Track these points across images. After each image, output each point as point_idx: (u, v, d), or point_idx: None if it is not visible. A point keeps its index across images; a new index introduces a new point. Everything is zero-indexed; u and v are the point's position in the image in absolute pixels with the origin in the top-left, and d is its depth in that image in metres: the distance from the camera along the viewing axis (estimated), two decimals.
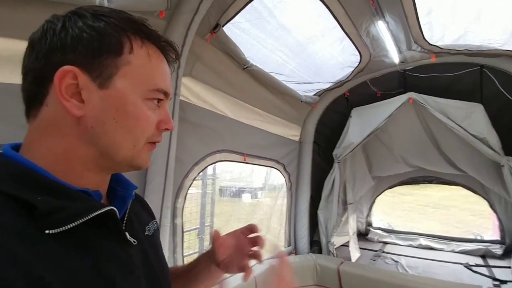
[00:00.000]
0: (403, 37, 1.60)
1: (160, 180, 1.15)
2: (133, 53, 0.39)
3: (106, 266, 0.36)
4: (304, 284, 1.98)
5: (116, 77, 0.38)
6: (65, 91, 0.36)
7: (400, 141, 2.39)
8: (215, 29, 1.31)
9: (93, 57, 0.37)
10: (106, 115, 0.38)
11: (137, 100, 0.39)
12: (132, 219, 0.46)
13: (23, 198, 0.32)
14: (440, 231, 3.40)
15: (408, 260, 2.19)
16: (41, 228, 0.32)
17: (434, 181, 2.64)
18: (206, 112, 1.54)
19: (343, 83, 2.19)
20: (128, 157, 0.40)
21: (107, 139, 0.38)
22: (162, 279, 0.48)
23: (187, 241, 2.24)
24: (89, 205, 0.36)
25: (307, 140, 2.47)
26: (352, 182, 2.52)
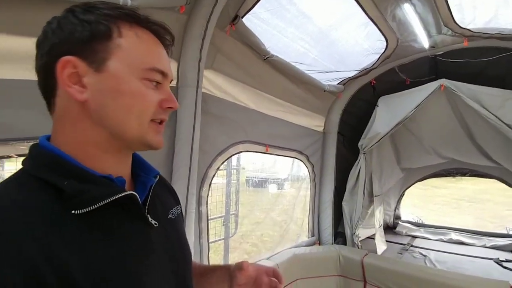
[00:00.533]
0: (432, 20, 1.48)
1: (185, 169, 1.22)
2: (122, 36, 0.42)
3: (127, 246, 0.40)
4: (327, 274, 1.99)
5: (109, 60, 0.41)
6: (68, 79, 0.40)
7: (430, 131, 2.25)
8: (234, 20, 1.33)
9: (86, 44, 0.40)
10: (105, 97, 0.41)
11: (132, 80, 0.42)
12: (155, 203, 0.49)
13: (52, 182, 0.37)
14: (474, 226, 3.18)
15: (437, 255, 2.10)
16: (68, 209, 0.36)
17: (468, 174, 2.46)
18: (228, 104, 1.57)
19: (369, 70, 2.09)
20: (137, 136, 0.43)
21: (111, 119, 0.42)
22: (182, 261, 0.51)
23: (213, 228, 2.34)
24: (110, 189, 0.40)
25: (331, 130, 2.42)
26: (379, 174, 2.44)
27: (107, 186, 0.41)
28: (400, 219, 3.00)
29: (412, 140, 2.39)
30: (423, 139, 2.33)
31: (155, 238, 0.45)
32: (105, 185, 0.41)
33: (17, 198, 0.35)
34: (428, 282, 1.59)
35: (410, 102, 1.95)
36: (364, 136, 2.26)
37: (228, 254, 2.69)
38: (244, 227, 3.76)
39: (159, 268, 0.44)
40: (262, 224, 3.47)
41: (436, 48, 1.78)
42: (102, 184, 0.40)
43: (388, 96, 2.18)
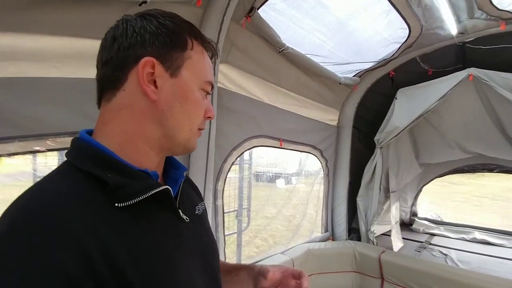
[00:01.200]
0: (463, 4, 1.38)
1: (202, 163, 1.22)
2: (193, 49, 0.47)
3: (163, 238, 0.42)
4: (342, 270, 1.96)
5: (183, 68, 0.46)
6: (146, 78, 0.43)
7: (454, 124, 2.14)
8: (250, 12, 1.29)
9: (166, 50, 0.44)
10: (174, 100, 0.45)
11: (195, 89, 0.47)
12: (184, 199, 0.51)
13: (96, 174, 0.39)
14: (501, 225, 3.03)
15: (460, 254, 2.02)
16: (111, 201, 0.38)
17: (496, 170, 2.33)
18: (243, 98, 1.55)
19: (387, 61, 2.00)
20: (185, 139, 0.47)
21: (173, 120, 0.45)
22: (211, 252, 0.53)
23: (226, 222, 2.36)
24: (149, 183, 0.42)
25: (345, 124, 2.36)
26: (396, 169, 2.36)
27: (145, 180, 0.42)
28: (416, 216, 2.91)
29: (433, 133, 2.29)
30: (445, 133, 2.22)
31: (185, 231, 0.47)
32: (143, 179, 0.42)
33: (67, 188, 0.37)
34: (451, 281, 1.52)
35: (433, 94, 1.86)
36: (381, 130, 2.18)
37: (241, 248, 2.72)
38: (256, 221, 3.78)
39: (191, 259, 0.46)
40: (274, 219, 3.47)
41: (465, 35, 1.66)
42: (141, 178, 0.42)
43: (408, 88, 2.08)
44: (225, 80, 1.44)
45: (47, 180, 0.39)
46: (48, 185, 0.38)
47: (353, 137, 2.35)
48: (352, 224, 2.38)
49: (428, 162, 2.50)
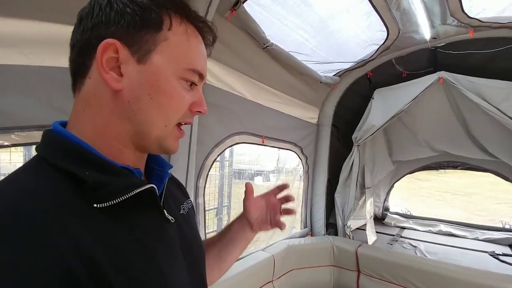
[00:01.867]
0: (438, 10, 1.47)
1: (184, 160, 1.18)
2: (172, 30, 0.39)
3: (148, 240, 0.38)
4: (320, 264, 2.01)
5: (154, 52, 0.38)
6: (106, 64, 0.37)
7: (425, 124, 2.28)
8: (235, 6, 1.26)
9: (134, 31, 0.37)
10: (141, 91, 0.38)
11: (171, 78, 0.40)
12: (168, 198, 0.47)
13: (72, 171, 0.34)
14: (461, 218, 3.31)
15: (427, 246, 2.16)
16: (89, 202, 0.33)
17: (460, 167, 2.52)
18: (225, 94, 1.52)
19: (366, 62, 2.07)
20: (160, 137, 0.41)
21: (141, 115, 0.39)
22: (197, 255, 0.50)
23: (206, 220, 2.32)
24: (132, 182, 0.38)
25: (325, 123, 2.41)
26: (371, 166, 2.47)
27: (128, 178, 0.38)
28: (388, 210, 3.07)
29: (405, 132, 2.42)
30: (417, 132, 2.36)
31: (171, 233, 0.43)
32: (126, 176, 0.38)
33: (38, 187, 0.32)
34: (423, 272, 1.62)
35: (407, 95, 1.96)
36: (358, 128, 2.26)
37: None
38: None
39: (177, 263, 0.43)
40: None
41: (437, 40, 1.76)
42: (122, 176, 0.38)
43: (384, 89, 2.18)
44: (208, 74, 1.38)
45: (13, 179, 0.34)
46: (15, 184, 0.33)
47: (332, 135, 2.42)
48: (330, 219, 2.45)
49: (400, 159, 2.64)
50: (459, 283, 1.51)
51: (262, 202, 0.68)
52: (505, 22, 1.48)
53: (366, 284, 1.85)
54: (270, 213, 0.68)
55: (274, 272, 1.77)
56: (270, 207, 0.68)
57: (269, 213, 0.68)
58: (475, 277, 1.49)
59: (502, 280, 1.43)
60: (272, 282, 1.76)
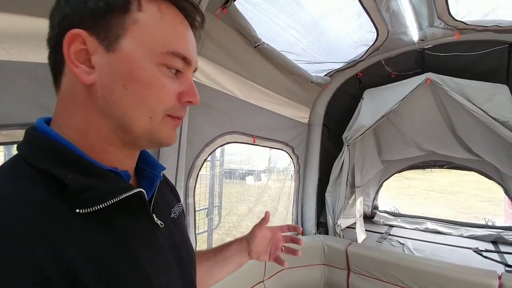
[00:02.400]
0: (425, 12, 1.50)
1: (173, 160, 1.15)
2: (142, 10, 0.35)
3: (134, 247, 0.36)
4: (311, 263, 2.02)
5: (123, 38, 0.35)
6: (74, 57, 0.34)
7: (413, 124, 2.32)
8: (226, 3, 1.24)
9: (99, 17, 0.34)
10: (115, 82, 0.35)
11: (147, 65, 0.36)
12: (159, 201, 0.45)
13: (54, 174, 0.32)
14: (447, 215, 3.41)
15: (415, 243, 2.21)
16: (72, 207, 0.31)
17: (446, 166, 2.59)
18: (216, 93, 1.50)
19: (356, 63, 2.10)
20: (146, 131, 0.37)
21: (119, 109, 0.35)
22: (188, 261, 0.48)
23: (196, 221, 2.29)
24: (119, 186, 0.35)
25: (316, 122, 2.43)
26: (361, 166, 2.50)
27: (115, 182, 0.36)
28: (377, 209, 3.12)
29: (394, 132, 2.47)
30: (405, 132, 2.41)
31: (161, 238, 0.41)
32: (112, 180, 0.36)
33: (15, 189, 0.30)
34: (411, 269, 1.65)
35: (396, 95, 1.99)
36: (348, 128, 2.29)
37: (211, 247, 2.67)
38: (227, 219, 3.74)
39: (168, 270, 0.41)
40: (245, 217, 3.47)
41: (424, 42, 1.80)
42: (109, 179, 0.35)
43: (374, 89, 2.21)
44: (199, 73, 1.38)
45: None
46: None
47: (323, 135, 2.44)
48: (321, 218, 2.47)
49: (389, 159, 2.69)
50: (445, 279, 1.54)
51: (269, 233, 0.71)
52: (489, 26, 1.53)
53: (356, 282, 1.88)
54: (271, 247, 0.71)
55: (265, 271, 1.77)
56: (273, 240, 0.71)
57: (271, 246, 0.71)
58: (460, 273, 1.53)
59: (484, 276, 1.47)
60: (263, 282, 1.75)
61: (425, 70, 1.95)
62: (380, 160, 2.68)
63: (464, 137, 2.13)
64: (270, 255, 0.71)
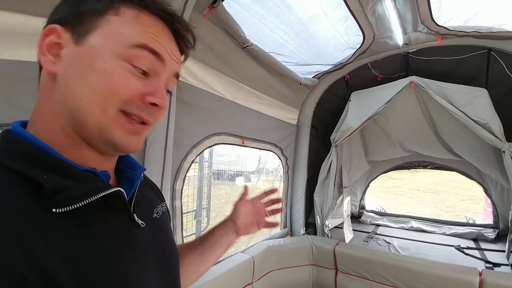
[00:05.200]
0: (410, 17, 1.54)
1: (159, 162, 1.13)
2: (119, 15, 0.36)
3: (112, 247, 0.36)
4: (300, 264, 2.03)
5: (92, 34, 0.36)
6: (46, 48, 0.36)
7: (397, 125, 2.39)
8: (214, 3, 1.23)
9: (76, 16, 0.36)
10: (73, 72, 0.35)
11: (110, 58, 0.35)
12: (140, 201, 0.45)
13: (29, 175, 0.32)
14: (430, 214, 3.51)
15: (400, 242, 2.26)
16: (48, 207, 0.31)
17: (429, 166, 2.67)
18: (204, 93, 1.48)
19: (343, 65, 2.13)
20: (99, 126, 0.35)
21: (72, 98, 0.35)
22: (171, 261, 0.48)
23: (184, 223, 2.26)
24: (96, 186, 0.35)
25: (304, 123, 2.45)
26: (348, 166, 2.54)
27: (92, 181, 0.35)
28: (364, 209, 3.18)
29: (380, 134, 2.52)
30: (390, 134, 2.47)
31: (141, 238, 0.41)
32: (89, 180, 0.36)
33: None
34: (396, 267, 1.69)
35: (381, 98, 2.03)
36: (336, 129, 2.32)
37: None
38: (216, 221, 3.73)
39: (147, 271, 0.40)
40: None
41: (409, 46, 1.86)
42: (86, 179, 0.35)
43: (360, 91, 2.25)
44: (186, 73, 1.36)
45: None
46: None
47: (311, 136, 2.46)
48: (309, 219, 2.49)
49: (375, 159, 2.74)
50: (428, 277, 1.59)
51: (250, 206, 0.73)
52: (469, 31, 1.59)
53: (343, 282, 1.90)
54: (256, 217, 0.73)
55: (254, 273, 1.76)
56: (255, 211, 0.73)
57: (255, 216, 0.73)
58: (442, 271, 1.57)
59: (466, 273, 1.52)
60: (252, 284, 1.75)
61: (409, 73, 2.01)
62: (367, 161, 2.73)
63: (446, 138, 2.21)
64: (258, 224, 0.73)
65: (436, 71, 1.95)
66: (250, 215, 0.72)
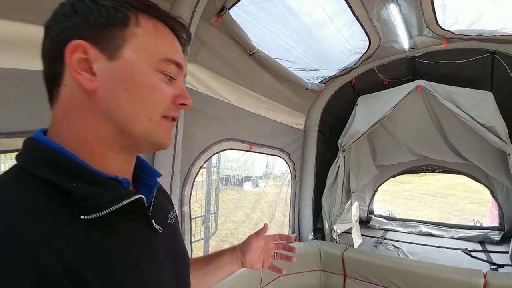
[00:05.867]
0: (415, 21, 1.54)
1: (168, 168, 1.15)
2: (140, 26, 0.39)
3: (135, 251, 0.38)
4: (308, 270, 2.02)
5: (124, 48, 0.38)
6: (77, 65, 0.36)
7: (405, 129, 2.37)
8: (221, 12, 1.27)
9: (100, 30, 0.37)
10: (117, 86, 0.37)
11: (147, 70, 0.39)
12: (156, 207, 0.47)
13: (57, 183, 0.33)
14: (439, 218, 3.44)
15: (409, 247, 2.23)
16: (76, 214, 0.33)
17: (438, 170, 2.64)
18: (212, 100, 1.51)
19: (349, 70, 2.14)
20: (146, 132, 0.39)
21: (121, 111, 0.38)
22: (182, 266, 0.50)
23: (192, 228, 2.27)
24: (120, 193, 0.37)
25: (311, 128, 2.45)
26: (356, 171, 2.52)
27: (116, 189, 0.37)
28: (373, 213, 3.14)
29: (387, 138, 2.50)
30: (398, 138, 2.45)
31: (159, 243, 0.43)
32: (114, 187, 0.38)
33: (19, 199, 0.31)
34: (404, 272, 1.68)
35: (388, 102, 2.03)
36: (343, 134, 2.32)
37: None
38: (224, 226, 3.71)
39: (164, 274, 0.42)
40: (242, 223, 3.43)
41: (415, 50, 1.86)
42: (111, 187, 0.37)
43: (367, 96, 2.25)
44: (194, 80, 1.38)
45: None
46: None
47: (318, 140, 2.46)
48: (317, 224, 2.47)
49: (383, 163, 2.72)
50: (435, 280, 1.59)
51: (262, 243, 0.73)
52: (474, 35, 1.59)
53: (352, 287, 1.88)
54: (264, 255, 0.74)
55: (262, 279, 1.75)
56: (266, 249, 0.73)
57: (264, 254, 0.74)
58: (449, 274, 1.58)
59: (471, 275, 1.54)
60: None
61: (416, 77, 2.00)
62: (375, 165, 2.71)
63: (454, 141, 2.18)
64: (264, 263, 0.73)
65: (442, 74, 1.94)
66: (260, 251, 0.72)
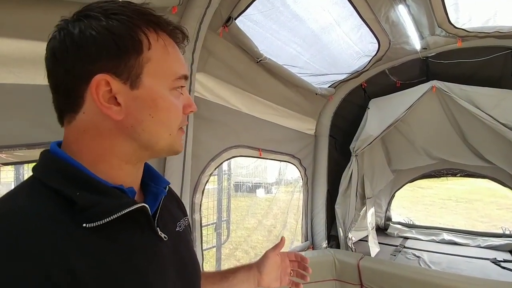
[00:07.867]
0: (425, 21, 1.50)
1: (178, 176, 1.17)
2: (152, 48, 0.41)
3: (138, 259, 0.39)
4: (322, 279, 1.95)
5: (143, 75, 0.40)
6: (102, 99, 0.38)
7: (421, 132, 2.28)
8: (227, 22, 1.29)
9: (118, 61, 0.39)
10: (143, 113, 0.41)
11: (165, 93, 0.42)
12: (164, 215, 0.48)
13: (64, 192, 0.35)
14: (464, 225, 3.24)
15: (431, 256, 2.11)
16: (80, 222, 0.35)
17: (459, 174, 2.51)
18: (220, 108, 1.53)
19: (360, 73, 2.10)
20: (167, 145, 0.44)
21: (146, 134, 0.42)
22: (192, 273, 0.50)
23: (204, 236, 2.28)
24: (122, 202, 0.39)
25: (322, 133, 2.42)
26: (371, 176, 2.45)
27: (119, 197, 0.40)
28: (391, 220, 3.02)
29: (402, 141, 2.42)
30: (414, 141, 2.36)
31: (164, 251, 0.44)
32: (116, 196, 0.39)
33: (31, 207, 0.34)
34: (425, 283, 1.58)
35: (402, 104, 1.97)
36: (356, 138, 2.26)
37: (220, 262, 2.61)
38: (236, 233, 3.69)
39: (169, 282, 0.43)
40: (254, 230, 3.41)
41: (427, 50, 1.80)
42: (113, 196, 0.39)
43: (379, 99, 2.20)
44: (202, 89, 1.41)
45: (7, 199, 0.36)
46: (8, 204, 0.35)
47: (330, 145, 2.42)
48: (331, 231, 2.40)
49: (399, 168, 2.62)
50: None
51: (279, 260, 0.73)
52: (491, 32, 1.52)
53: None
54: (281, 272, 0.74)
55: None
56: (283, 266, 0.74)
57: (281, 271, 0.74)
58: (477, 286, 1.47)
59: None
60: None
61: (430, 78, 1.93)
62: (390, 170, 2.62)
63: (475, 143, 2.07)
64: (281, 281, 0.73)
65: (459, 74, 1.87)
66: (276, 268, 0.72)
